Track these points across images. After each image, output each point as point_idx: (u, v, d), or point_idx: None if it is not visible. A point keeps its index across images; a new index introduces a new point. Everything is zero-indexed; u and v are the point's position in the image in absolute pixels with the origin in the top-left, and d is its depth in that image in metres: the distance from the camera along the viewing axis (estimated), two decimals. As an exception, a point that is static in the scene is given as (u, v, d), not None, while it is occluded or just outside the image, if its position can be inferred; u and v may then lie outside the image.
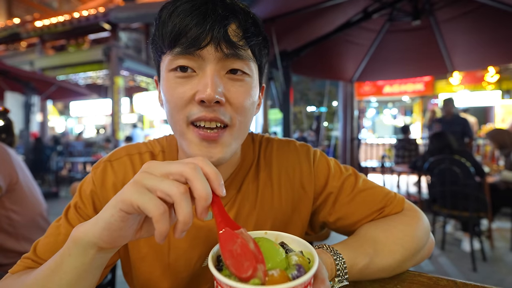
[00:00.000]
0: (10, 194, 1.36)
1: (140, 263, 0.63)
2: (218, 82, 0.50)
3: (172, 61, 0.51)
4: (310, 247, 0.42)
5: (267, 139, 0.73)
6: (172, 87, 0.52)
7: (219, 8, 0.50)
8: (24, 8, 13.47)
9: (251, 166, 0.67)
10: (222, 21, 0.49)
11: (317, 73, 4.92)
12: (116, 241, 0.40)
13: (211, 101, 0.49)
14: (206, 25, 0.48)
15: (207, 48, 0.49)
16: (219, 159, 0.53)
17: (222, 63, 0.51)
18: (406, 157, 5.19)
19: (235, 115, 0.53)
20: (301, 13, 3.04)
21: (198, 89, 0.50)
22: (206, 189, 0.36)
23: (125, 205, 0.36)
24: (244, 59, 0.53)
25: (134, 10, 8.95)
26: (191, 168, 0.37)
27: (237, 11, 0.52)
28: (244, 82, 0.54)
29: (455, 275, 2.59)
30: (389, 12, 3.36)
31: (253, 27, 0.54)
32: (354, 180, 0.69)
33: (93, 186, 0.61)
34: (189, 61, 0.51)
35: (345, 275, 0.51)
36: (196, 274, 0.63)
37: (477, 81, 9.53)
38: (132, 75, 10.35)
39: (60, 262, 0.42)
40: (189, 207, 0.35)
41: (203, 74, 0.51)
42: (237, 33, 0.51)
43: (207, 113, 0.51)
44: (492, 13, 2.96)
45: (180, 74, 0.52)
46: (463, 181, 2.71)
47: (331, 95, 9.93)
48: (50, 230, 0.59)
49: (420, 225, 0.64)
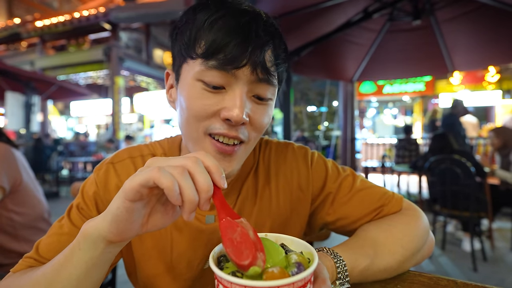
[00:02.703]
0: (13, 196, 1.36)
1: (144, 263, 0.63)
2: (247, 103, 0.51)
3: (204, 71, 0.50)
4: (310, 247, 0.42)
5: (266, 141, 0.73)
6: (197, 97, 0.52)
7: (262, 31, 0.50)
8: (24, 8, 13.48)
9: (250, 170, 0.68)
10: (263, 46, 0.50)
11: (317, 73, 4.91)
12: (124, 234, 0.40)
13: (238, 122, 0.50)
14: (248, 47, 0.48)
15: (243, 69, 0.49)
16: (230, 172, 0.54)
17: (252, 86, 0.52)
18: (406, 157, 5.18)
19: (252, 133, 0.55)
20: (301, 13, 3.04)
21: (225, 106, 0.50)
22: (208, 181, 0.37)
23: (131, 192, 0.37)
24: (273, 85, 0.54)
25: (135, 10, 8.96)
26: (193, 161, 0.38)
27: (275, 36, 0.52)
28: (267, 105, 0.55)
29: (456, 275, 2.59)
30: (389, 12, 3.35)
31: (284, 53, 0.55)
32: (352, 180, 0.69)
33: (96, 187, 0.61)
34: (222, 77, 0.50)
35: (346, 277, 0.51)
36: (199, 276, 0.64)
37: (477, 81, 9.53)
38: (132, 75, 10.36)
39: (70, 257, 0.43)
40: (192, 187, 0.36)
41: (232, 93, 0.50)
42: (271, 59, 0.52)
43: (230, 131, 0.51)
44: (493, 13, 2.96)
45: (210, 88, 0.51)
46: (463, 181, 2.71)
47: (331, 95, 9.93)
48: (53, 230, 0.59)
49: (420, 224, 0.64)
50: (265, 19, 0.52)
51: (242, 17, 0.50)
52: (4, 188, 1.31)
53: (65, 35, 10.02)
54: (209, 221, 0.63)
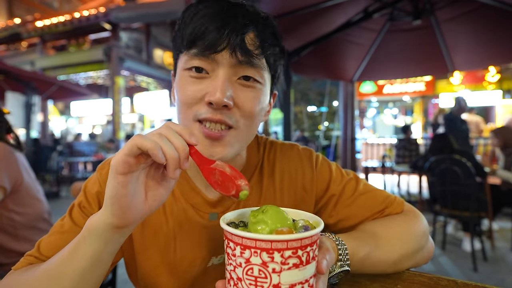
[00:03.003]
0: (13, 196, 1.36)
1: (146, 263, 0.64)
2: (228, 86, 0.52)
3: (188, 61, 0.54)
4: (316, 217, 0.44)
5: (271, 142, 0.74)
6: (185, 85, 0.55)
7: (240, 16, 0.52)
8: (24, 8, 13.48)
9: (255, 169, 0.69)
10: (241, 29, 0.52)
11: (317, 73, 4.91)
12: (128, 213, 0.41)
13: (219, 104, 0.51)
14: (225, 31, 0.51)
15: (222, 53, 0.52)
16: (220, 157, 0.54)
17: (235, 69, 0.53)
18: (406, 157, 5.18)
19: (241, 119, 0.56)
20: (301, 13, 3.04)
21: (208, 91, 0.53)
22: (181, 141, 0.41)
23: (119, 165, 0.39)
24: (257, 68, 0.55)
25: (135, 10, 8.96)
26: (165, 127, 0.42)
27: (257, 21, 0.54)
28: (255, 89, 0.56)
29: (456, 275, 2.59)
30: (389, 12, 3.35)
31: (271, 37, 0.56)
32: (355, 183, 0.70)
33: (99, 187, 0.62)
34: (204, 63, 0.53)
35: (346, 260, 0.52)
36: (201, 274, 0.64)
37: (478, 81, 9.52)
38: (132, 75, 10.37)
39: (74, 252, 0.44)
40: (172, 147, 0.40)
41: (215, 77, 0.53)
42: (254, 42, 0.54)
43: (214, 115, 0.53)
44: (493, 12, 2.96)
45: (194, 74, 0.54)
46: (463, 181, 2.71)
47: (331, 95, 9.91)
48: (54, 228, 0.59)
49: (419, 225, 0.65)
50: (247, 7, 0.55)
51: (221, 7, 0.53)
52: (5, 188, 1.31)
53: (66, 35, 10.02)
54: (212, 218, 0.64)
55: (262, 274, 0.35)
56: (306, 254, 0.36)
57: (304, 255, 0.36)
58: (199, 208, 0.64)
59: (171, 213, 0.63)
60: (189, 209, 0.63)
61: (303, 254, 0.36)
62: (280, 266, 0.35)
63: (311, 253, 0.37)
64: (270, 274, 0.35)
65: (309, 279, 0.38)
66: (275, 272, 0.35)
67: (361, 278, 0.64)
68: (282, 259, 0.35)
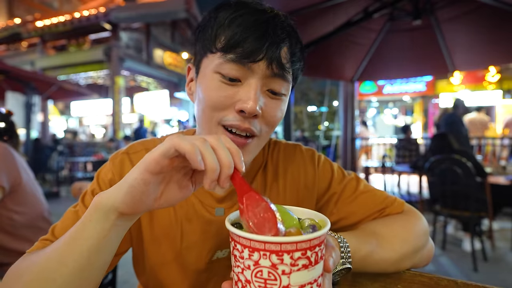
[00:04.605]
0: (13, 195, 1.37)
1: (153, 251, 0.64)
2: (260, 96, 0.53)
3: (222, 64, 0.53)
4: (321, 215, 0.44)
5: (275, 142, 0.76)
6: (214, 88, 0.54)
7: (279, 29, 0.53)
8: (25, 8, 13.48)
9: (259, 169, 0.70)
10: (279, 43, 0.52)
11: (317, 73, 4.91)
12: (137, 206, 0.40)
13: (251, 113, 0.52)
14: (265, 42, 0.51)
15: (259, 63, 0.52)
16: None
17: (267, 81, 0.54)
18: (407, 157, 5.19)
19: (265, 127, 0.57)
20: (302, 13, 3.04)
21: (240, 98, 0.53)
22: (229, 157, 0.38)
23: (152, 163, 0.37)
24: (287, 81, 0.56)
25: (135, 10, 8.97)
26: (215, 138, 0.39)
27: (291, 35, 0.55)
28: (281, 100, 0.57)
29: (456, 275, 2.59)
30: (389, 12, 3.35)
31: (299, 52, 0.58)
32: (356, 183, 0.71)
33: (112, 175, 0.62)
34: (239, 70, 0.52)
35: (348, 258, 0.52)
36: (206, 267, 0.65)
37: (478, 81, 9.52)
38: (132, 75, 10.37)
39: (81, 230, 0.43)
40: (215, 157, 0.37)
41: (248, 86, 0.53)
42: (287, 56, 0.54)
43: (242, 123, 0.53)
44: (493, 12, 2.95)
45: (226, 80, 0.53)
46: (464, 181, 2.71)
47: (331, 94, 9.90)
48: (67, 215, 0.59)
49: (420, 224, 0.66)
50: (283, 19, 0.56)
51: (260, 15, 0.53)
52: (4, 188, 1.31)
53: (66, 35, 10.03)
54: (218, 213, 0.64)
55: (271, 276, 0.35)
56: (315, 254, 0.36)
57: (313, 255, 0.36)
58: (206, 202, 0.64)
59: (180, 205, 0.64)
60: (196, 203, 0.64)
61: (312, 255, 0.36)
62: (289, 267, 0.35)
63: (319, 253, 0.37)
64: (279, 276, 0.35)
65: (317, 279, 0.38)
66: (284, 274, 0.35)
67: (361, 278, 0.64)
68: (292, 261, 0.35)
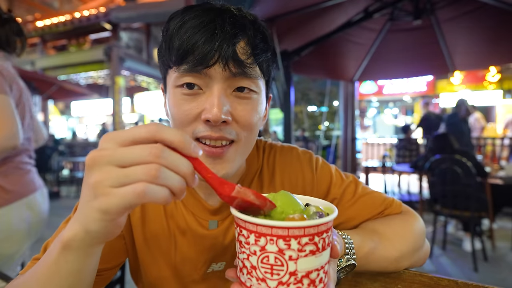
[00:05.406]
0: None
1: (149, 267, 0.64)
2: (225, 101, 0.50)
3: (178, 78, 0.51)
4: (328, 203, 0.43)
5: (270, 145, 0.73)
6: (179, 103, 0.52)
7: (228, 25, 0.49)
8: (25, 8, 13.48)
9: (255, 175, 0.68)
10: (231, 39, 0.49)
11: (318, 73, 4.91)
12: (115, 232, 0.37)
13: (217, 121, 0.49)
14: (214, 43, 0.48)
15: (215, 67, 0.49)
16: (223, 175, 0.53)
17: (229, 82, 0.51)
18: (407, 156, 5.19)
19: (241, 132, 0.54)
20: (302, 13, 3.04)
21: (204, 108, 0.50)
22: (184, 164, 0.33)
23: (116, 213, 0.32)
24: (252, 77, 0.52)
25: (135, 10, 8.96)
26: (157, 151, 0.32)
27: (246, 27, 0.51)
28: (251, 99, 0.54)
29: (456, 275, 2.59)
30: (390, 12, 3.35)
31: (262, 43, 0.53)
32: (355, 186, 0.70)
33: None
34: (196, 79, 0.50)
35: (353, 254, 0.52)
36: (202, 279, 0.64)
37: (478, 81, 9.52)
38: (133, 75, 10.36)
39: (56, 271, 0.38)
40: (176, 178, 0.32)
41: (210, 93, 0.51)
42: (246, 51, 0.51)
43: (213, 132, 0.51)
44: (493, 12, 2.96)
45: (187, 91, 0.51)
46: (464, 181, 2.71)
47: (332, 94, 9.90)
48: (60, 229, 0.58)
49: (418, 224, 0.66)
50: (235, 12, 0.52)
51: (206, 16, 0.49)
52: None
53: (66, 35, 10.02)
54: (212, 227, 0.63)
55: (278, 262, 0.34)
56: (322, 240, 0.36)
57: (320, 241, 0.35)
58: (199, 215, 0.63)
59: (172, 217, 0.63)
60: (188, 216, 0.62)
61: (319, 241, 0.35)
62: (297, 253, 0.34)
63: (326, 240, 0.37)
64: (286, 262, 0.34)
65: (324, 266, 0.37)
66: (292, 259, 0.34)
67: (362, 278, 0.64)
68: (299, 246, 0.34)
